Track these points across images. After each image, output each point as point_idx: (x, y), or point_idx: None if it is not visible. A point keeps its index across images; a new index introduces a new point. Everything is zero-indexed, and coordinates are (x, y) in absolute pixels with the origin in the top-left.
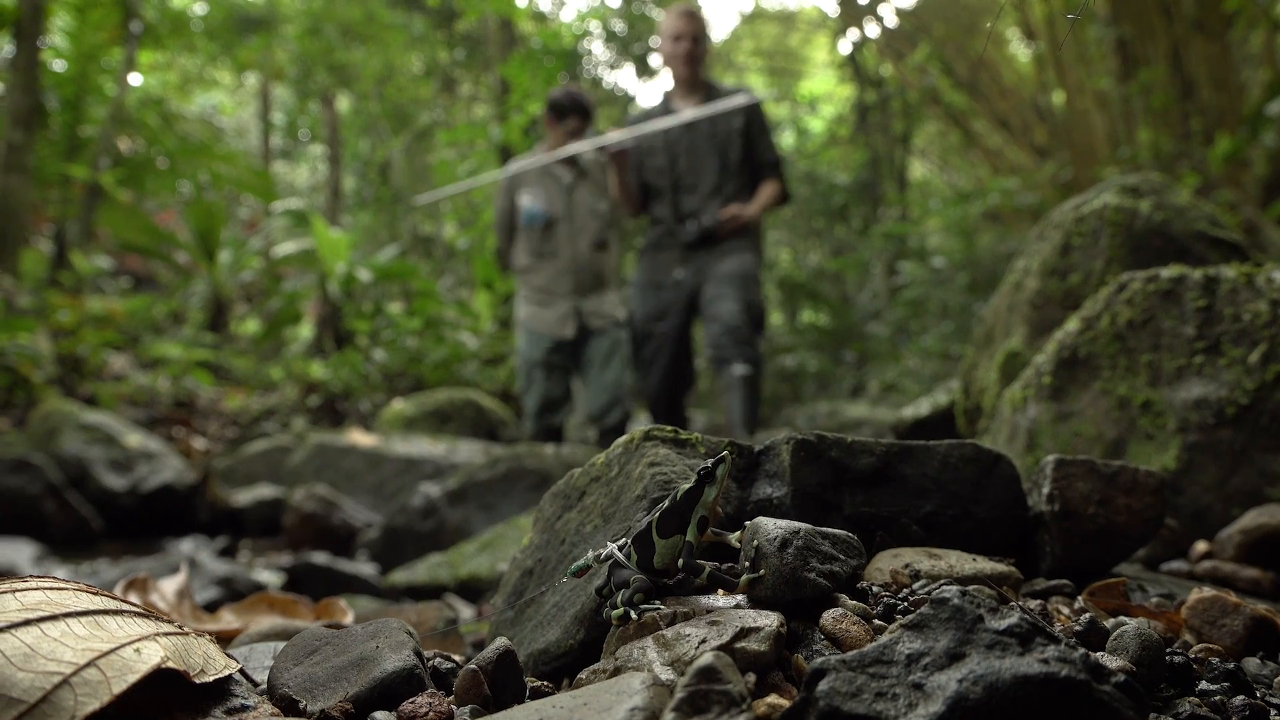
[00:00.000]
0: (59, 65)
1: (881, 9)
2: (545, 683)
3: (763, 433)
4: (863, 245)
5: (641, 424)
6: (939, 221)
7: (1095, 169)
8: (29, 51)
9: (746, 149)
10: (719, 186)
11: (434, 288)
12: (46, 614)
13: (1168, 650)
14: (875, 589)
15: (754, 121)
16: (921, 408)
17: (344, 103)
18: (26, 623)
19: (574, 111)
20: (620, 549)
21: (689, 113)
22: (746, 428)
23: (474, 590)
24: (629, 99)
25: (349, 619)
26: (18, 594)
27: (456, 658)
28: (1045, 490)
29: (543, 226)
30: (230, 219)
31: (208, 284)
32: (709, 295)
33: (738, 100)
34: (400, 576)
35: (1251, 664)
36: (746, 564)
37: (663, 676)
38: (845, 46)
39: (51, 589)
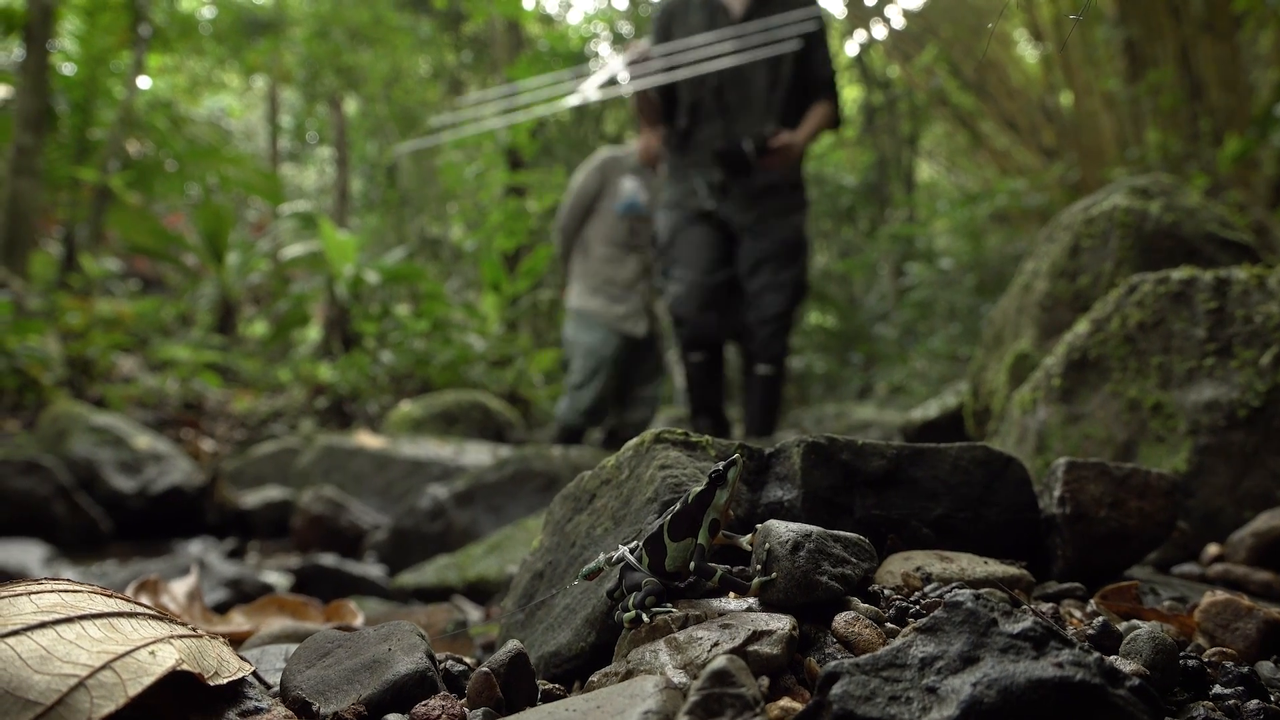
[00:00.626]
0: (68, 69)
1: (889, 10)
2: (557, 685)
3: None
4: (870, 247)
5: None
6: (946, 223)
7: (1103, 170)
8: (38, 55)
9: (800, 62)
10: (768, 106)
11: (441, 290)
12: (62, 616)
13: (1181, 654)
14: (887, 592)
15: (813, 30)
16: (930, 410)
17: (351, 105)
18: (42, 625)
19: None
20: (631, 552)
21: (733, 52)
22: (758, 432)
23: (482, 592)
24: None
25: (359, 621)
26: (33, 596)
27: (468, 660)
28: (1057, 493)
29: (635, 218)
30: (238, 221)
31: (216, 286)
32: (750, 265)
33: (797, 19)
34: (408, 578)
35: (1265, 668)
36: (758, 567)
37: (675, 679)
38: (852, 48)
39: (66, 591)
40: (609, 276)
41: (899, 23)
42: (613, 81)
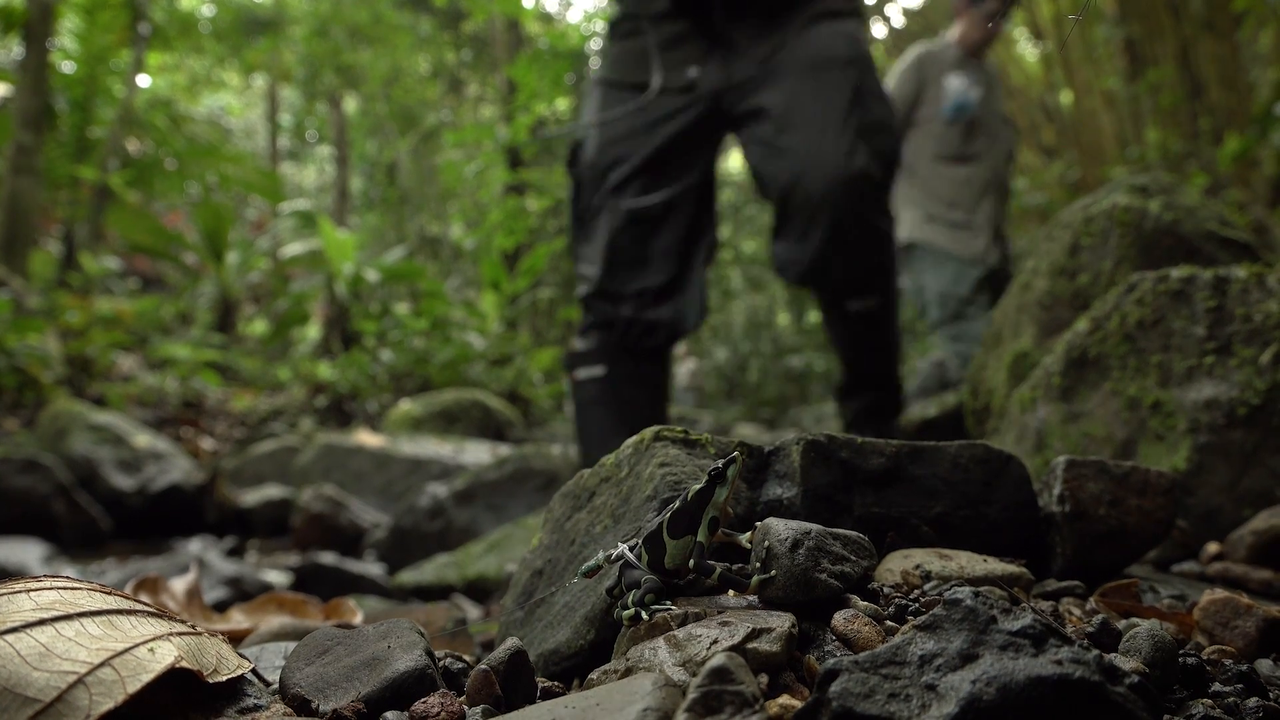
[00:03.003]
0: (68, 67)
1: (888, 9)
2: (556, 683)
3: (770, 434)
4: None
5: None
6: None
7: (1103, 169)
8: (38, 53)
9: None
10: None
11: (441, 288)
12: (61, 613)
13: (1180, 652)
14: (886, 590)
15: None
16: (929, 408)
17: (351, 104)
18: (41, 622)
19: None
20: (631, 549)
21: None
22: (872, 422)
23: (481, 590)
24: None
25: (358, 619)
26: (32, 593)
27: (467, 658)
28: (1056, 491)
29: (967, 123)
30: (238, 220)
31: (215, 285)
32: (769, 103)
33: None
34: (408, 577)
35: (1264, 665)
36: (757, 565)
37: (674, 677)
38: None
39: (65, 588)
40: (947, 197)
41: (899, 21)
42: None
